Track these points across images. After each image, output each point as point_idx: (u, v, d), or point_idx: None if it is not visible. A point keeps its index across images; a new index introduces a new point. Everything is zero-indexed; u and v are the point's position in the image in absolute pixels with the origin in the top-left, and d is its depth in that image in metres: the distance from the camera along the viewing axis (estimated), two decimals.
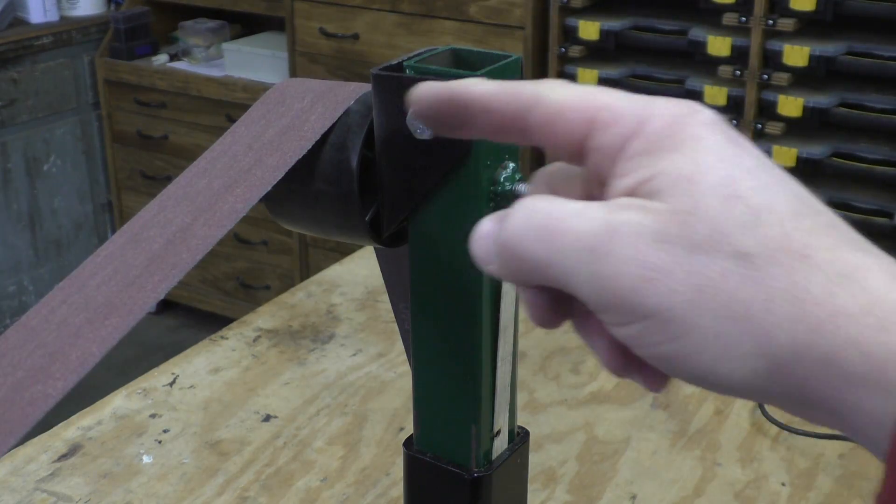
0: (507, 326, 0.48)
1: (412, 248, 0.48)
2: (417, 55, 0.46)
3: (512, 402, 0.51)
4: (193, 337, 2.65)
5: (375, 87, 0.45)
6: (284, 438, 0.79)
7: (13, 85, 2.61)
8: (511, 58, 0.45)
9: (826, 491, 0.74)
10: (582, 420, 0.82)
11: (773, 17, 1.77)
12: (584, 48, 1.98)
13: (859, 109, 1.77)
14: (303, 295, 1.02)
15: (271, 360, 0.90)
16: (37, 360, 0.40)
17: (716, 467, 0.76)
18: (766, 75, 1.79)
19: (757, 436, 0.80)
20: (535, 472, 0.75)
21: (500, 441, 0.51)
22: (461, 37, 2.13)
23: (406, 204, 0.46)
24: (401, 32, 2.21)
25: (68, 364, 0.39)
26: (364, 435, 0.80)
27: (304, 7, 2.34)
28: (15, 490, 0.73)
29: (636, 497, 0.73)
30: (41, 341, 0.41)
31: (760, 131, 1.83)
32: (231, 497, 0.73)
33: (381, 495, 0.73)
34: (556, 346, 0.93)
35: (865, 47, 1.75)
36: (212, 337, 0.94)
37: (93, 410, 0.82)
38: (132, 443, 0.78)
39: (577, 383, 0.87)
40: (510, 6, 2.05)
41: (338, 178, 0.45)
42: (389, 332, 0.95)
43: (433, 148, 0.44)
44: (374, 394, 0.85)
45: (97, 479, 0.74)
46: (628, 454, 0.78)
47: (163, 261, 0.42)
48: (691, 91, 1.88)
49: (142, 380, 0.87)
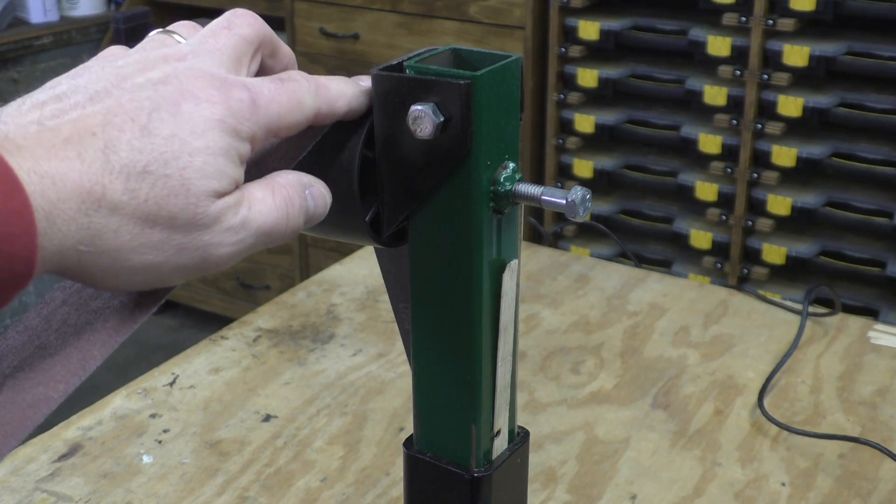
0: (507, 326, 0.48)
1: (412, 248, 0.48)
2: (417, 55, 0.46)
3: (512, 402, 0.51)
4: (193, 337, 2.65)
5: (375, 87, 0.45)
6: (284, 438, 0.79)
7: (13, 85, 2.61)
8: (511, 58, 0.45)
9: (826, 491, 0.74)
10: (582, 420, 0.82)
11: (773, 17, 1.77)
12: (584, 48, 1.98)
13: (859, 109, 1.77)
14: (303, 295, 1.02)
15: (271, 360, 0.90)
16: (38, 361, 0.40)
17: (716, 467, 0.76)
18: (766, 75, 1.79)
19: (757, 436, 0.80)
20: (535, 472, 0.75)
21: (500, 441, 0.51)
22: (461, 37, 2.13)
23: (406, 204, 0.46)
24: (401, 32, 2.21)
25: (69, 366, 0.39)
26: (364, 435, 0.80)
27: (304, 7, 2.34)
28: (15, 490, 0.73)
29: (636, 497, 0.73)
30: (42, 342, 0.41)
31: (760, 131, 1.83)
32: (231, 497, 0.73)
33: (381, 495, 0.73)
34: (556, 346, 0.93)
35: (865, 47, 1.75)
36: (212, 337, 0.94)
37: (93, 410, 0.82)
38: (132, 443, 0.78)
39: (577, 383, 0.87)
40: (510, 6, 2.05)
41: (338, 178, 0.45)
42: (389, 332, 0.95)
43: (433, 148, 0.44)
44: (374, 394, 0.85)
45: (97, 479, 0.74)
46: (628, 454, 0.78)
47: None
48: (691, 91, 1.88)
49: (142, 380, 0.87)
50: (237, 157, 0.40)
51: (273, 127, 0.41)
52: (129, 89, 0.39)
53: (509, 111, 0.45)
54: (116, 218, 0.36)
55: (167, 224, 0.38)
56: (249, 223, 0.40)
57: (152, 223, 0.37)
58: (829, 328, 0.96)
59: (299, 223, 0.43)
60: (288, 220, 0.42)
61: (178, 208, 0.38)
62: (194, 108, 0.39)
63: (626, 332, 0.96)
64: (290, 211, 0.42)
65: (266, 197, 0.41)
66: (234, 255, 0.40)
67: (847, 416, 0.83)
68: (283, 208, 0.41)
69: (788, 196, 1.84)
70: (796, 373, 0.89)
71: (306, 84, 0.43)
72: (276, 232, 0.41)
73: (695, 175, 1.93)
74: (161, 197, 0.37)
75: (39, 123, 0.37)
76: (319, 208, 0.44)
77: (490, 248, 0.46)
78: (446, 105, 0.43)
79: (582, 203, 0.45)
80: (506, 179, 0.45)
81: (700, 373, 0.89)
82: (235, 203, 0.40)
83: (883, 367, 0.90)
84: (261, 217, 0.41)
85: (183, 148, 0.38)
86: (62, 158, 0.36)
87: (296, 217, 0.42)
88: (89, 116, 0.37)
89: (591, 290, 1.03)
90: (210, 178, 0.38)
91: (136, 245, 0.37)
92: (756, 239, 1.90)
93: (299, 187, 0.43)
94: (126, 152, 0.37)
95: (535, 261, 1.10)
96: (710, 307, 1.00)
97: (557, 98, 2.02)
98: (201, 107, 0.39)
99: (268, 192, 0.41)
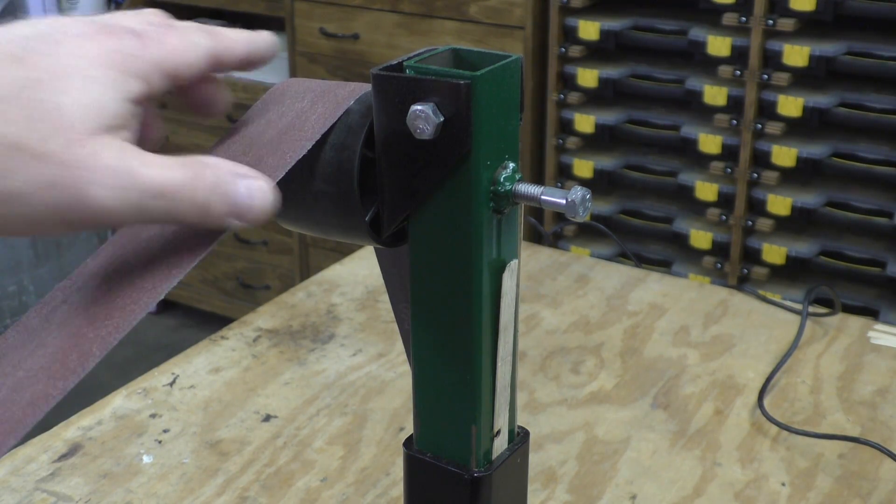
0: (507, 326, 0.48)
1: (412, 248, 0.48)
2: (417, 55, 0.46)
3: (512, 402, 0.51)
4: (193, 337, 2.65)
5: (375, 87, 0.45)
6: (284, 438, 0.79)
7: None
8: (511, 58, 0.45)
9: (826, 491, 0.74)
10: (582, 420, 0.82)
11: (773, 17, 1.77)
12: (584, 48, 1.98)
13: (859, 109, 1.77)
14: (303, 295, 1.02)
15: (271, 360, 0.90)
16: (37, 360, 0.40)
17: (716, 467, 0.76)
18: (766, 75, 1.79)
19: (757, 436, 0.80)
20: (535, 472, 0.75)
21: (500, 441, 0.51)
22: (461, 37, 2.13)
23: (406, 204, 0.46)
24: (401, 32, 2.21)
25: (68, 364, 0.39)
26: (364, 435, 0.80)
27: (304, 7, 2.34)
28: (15, 490, 0.73)
29: (636, 497, 0.73)
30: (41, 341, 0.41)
31: (760, 131, 1.83)
32: (231, 497, 0.73)
33: (381, 495, 0.73)
34: (556, 346, 0.93)
35: (865, 47, 1.75)
36: (212, 337, 0.94)
37: (93, 410, 0.82)
38: (132, 443, 0.78)
39: (577, 383, 0.87)
40: (510, 6, 2.05)
41: (338, 178, 0.45)
42: (389, 332, 0.95)
43: (433, 148, 0.44)
44: (374, 394, 0.85)
45: (97, 479, 0.74)
46: (628, 454, 0.78)
47: (163, 260, 0.42)
48: (691, 91, 1.88)
49: (142, 380, 0.87)
50: (125, 93, 0.39)
51: (168, 65, 0.41)
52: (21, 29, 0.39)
53: (509, 111, 0.45)
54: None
55: (38, 149, 0.37)
56: (135, 173, 0.38)
57: (21, 148, 0.37)
58: (829, 328, 0.96)
59: (214, 203, 0.40)
60: (194, 193, 0.40)
61: (50, 133, 0.37)
62: (78, 44, 0.39)
63: (626, 332, 0.96)
64: (197, 184, 0.40)
65: (171, 163, 0.40)
66: (118, 205, 0.38)
67: (847, 416, 0.83)
68: (189, 179, 0.40)
69: (788, 196, 1.84)
70: (796, 373, 0.89)
71: (197, 27, 0.43)
72: (172, 198, 0.39)
73: (695, 175, 1.93)
74: (32, 120, 0.37)
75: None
76: (256, 202, 0.42)
77: (490, 248, 0.46)
78: (446, 105, 0.43)
79: (582, 203, 0.45)
80: (506, 179, 0.45)
81: (700, 373, 0.89)
82: (121, 148, 0.39)
83: (883, 367, 0.90)
84: (152, 174, 0.39)
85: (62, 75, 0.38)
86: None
87: (205, 194, 0.40)
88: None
89: (591, 290, 1.03)
90: (87, 108, 0.38)
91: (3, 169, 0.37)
92: (756, 239, 1.90)
93: (227, 173, 0.41)
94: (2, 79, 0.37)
95: (535, 261, 1.10)
96: (710, 307, 1.00)
97: (557, 98, 2.02)
98: (85, 43, 0.39)
99: (177, 162, 0.40)
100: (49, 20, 0.41)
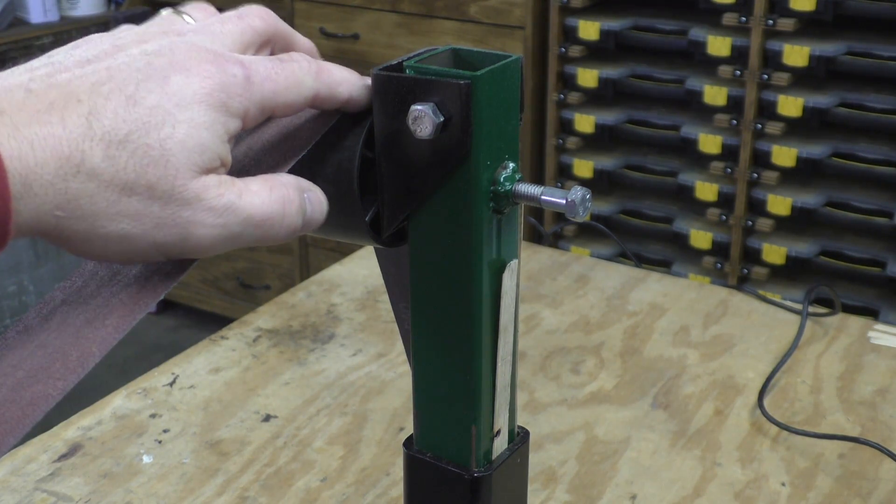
0: (507, 326, 0.48)
1: (412, 248, 0.48)
2: (417, 55, 0.46)
3: (512, 402, 0.51)
4: (193, 337, 2.65)
5: (375, 87, 0.45)
6: (284, 438, 0.79)
7: None
8: (511, 58, 0.45)
9: (826, 491, 0.74)
10: (582, 420, 0.82)
11: (773, 17, 1.77)
12: (584, 48, 1.98)
13: (859, 109, 1.77)
14: (303, 295, 1.02)
15: (271, 360, 0.90)
16: (37, 360, 0.40)
17: (716, 467, 0.76)
18: (766, 75, 1.79)
19: (757, 436, 0.80)
20: (535, 472, 0.75)
21: (500, 441, 0.51)
22: (461, 37, 2.13)
23: (406, 204, 0.46)
24: (401, 32, 2.21)
25: (68, 364, 0.39)
26: (364, 435, 0.80)
27: (304, 7, 2.34)
28: (15, 490, 0.73)
29: (636, 497, 0.73)
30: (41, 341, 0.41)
31: (760, 131, 1.83)
32: (231, 497, 0.73)
33: (381, 495, 0.73)
34: (556, 346, 0.93)
35: (865, 47, 1.75)
36: (212, 337, 0.94)
37: (93, 410, 0.82)
38: (132, 443, 0.78)
39: (577, 383, 0.87)
40: (510, 6, 2.05)
41: (337, 179, 0.45)
42: (389, 332, 0.95)
43: (433, 148, 0.44)
44: (374, 394, 0.85)
45: (97, 479, 0.74)
46: (628, 454, 0.78)
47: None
48: (691, 91, 1.88)
49: (142, 380, 0.87)
50: (224, 133, 0.39)
51: (268, 105, 0.41)
52: (122, 59, 0.39)
53: (509, 111, 0.45)
54: (94, 184, 0.37)
55: (146, 194, 0.37)
56: (236, 209, 0.40)
57: (130, 192, 0.37)
58: (829, 328, 0.96)
59: (296, 224, 0.42)
60: (283, 218, 0.42)
61: (157, 178, 0.37)
62: (184, 81, 0.39)
63: (626, 332, 0.96)
64: (286, 209, 0.42)
65: (262, 190, 0.41)
66: (218, 240, 0.40)
67: (847, 416, 0.83)
68: (280, 204, 0.41)
69: (788, 196, 1.84)
70: (796, 373, 0.89)
71: (307, 65, 0.43)
72: (267, 226, 0.41)
73: (695, 175, 1.93)
74: (140, 166, 0.37)
75: (26, 88, 0.37)
76: (316, 213, 0.44)
77: (490, 248, 0.46)
78: (446, 105, 0.43)
79: (582, 203, 0.45)
80: (506, 179, 0.45)
81: (700, 373, 0.89)
82: (220, 184, 0.39)
83: (883, 367, 0.90)
84: (251, 207, 0.40)
85: (166, 118, 0.38)
86: (44, 123, 0.36)
87: (292, 217, 0.42)
88: (77, 82, 0.37)
89: (591, 290, 1.03)
90: (191, 152, 0.38)
91: (113, 213, 0.37)
92: (756, 239, 1.90)
93: (298, 189, 0.43)
94: (110, 120, 0.37)
95: (535, 261, 1.10)
96: (710, 307, 1.00)
97: (557, 98, 2.02)
98: (191, 80, 0.39)
99: (265, 187, 0.41)
100: (158, 38, 0.40)
